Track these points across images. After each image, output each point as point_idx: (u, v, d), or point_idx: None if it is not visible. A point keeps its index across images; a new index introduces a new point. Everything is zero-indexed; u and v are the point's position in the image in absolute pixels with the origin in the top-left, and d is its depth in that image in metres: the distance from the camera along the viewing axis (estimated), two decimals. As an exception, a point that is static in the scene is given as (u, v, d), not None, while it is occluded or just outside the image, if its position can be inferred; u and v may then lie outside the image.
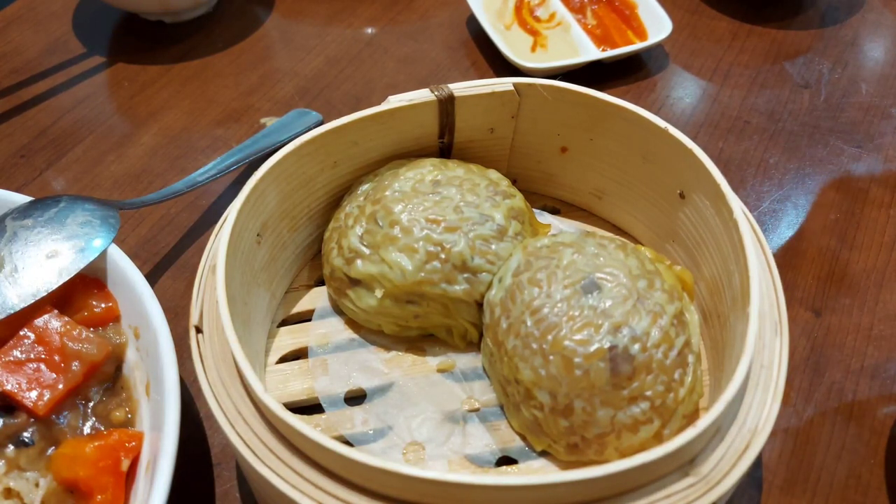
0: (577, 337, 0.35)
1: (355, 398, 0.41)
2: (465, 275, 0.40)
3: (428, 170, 0.43)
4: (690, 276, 0.41)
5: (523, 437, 0.38)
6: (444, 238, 0.40)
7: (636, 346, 0.34)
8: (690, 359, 0.36)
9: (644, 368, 0.34)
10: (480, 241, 0.40)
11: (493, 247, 0.41)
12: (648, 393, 0.34)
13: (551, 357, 0.35)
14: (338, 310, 0.44)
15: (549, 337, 0.35)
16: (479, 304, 0.41)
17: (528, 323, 0.36)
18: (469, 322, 0.41)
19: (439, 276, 0.40)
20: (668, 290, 0.37)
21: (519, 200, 0.43)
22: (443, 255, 0.40)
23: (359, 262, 0.41)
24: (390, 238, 0.40)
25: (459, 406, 0.40)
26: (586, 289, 0.36)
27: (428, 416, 0.39)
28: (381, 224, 0.41)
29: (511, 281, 0.38)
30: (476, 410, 0.40)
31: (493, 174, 0.45)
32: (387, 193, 0.42)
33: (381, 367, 0.42)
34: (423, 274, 0.40)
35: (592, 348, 0.34)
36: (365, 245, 0.41)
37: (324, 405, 0.40)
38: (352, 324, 0.43)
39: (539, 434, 0.37)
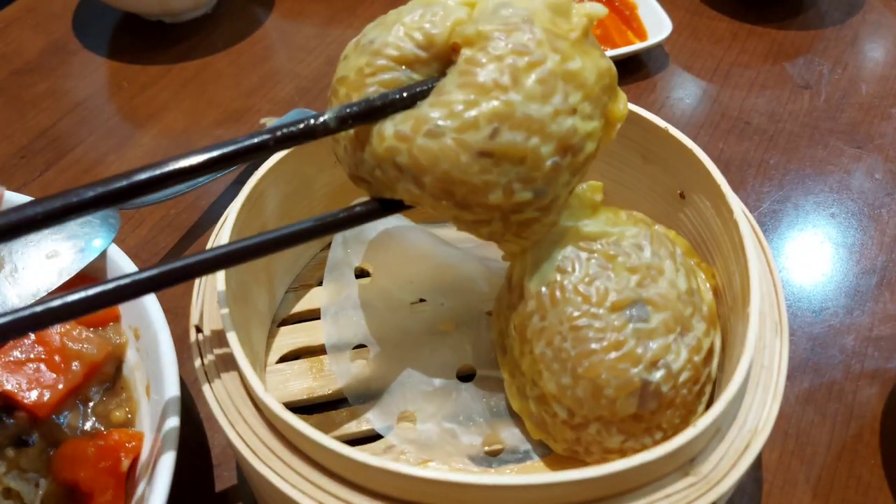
0: (614, 369, 0.33)
1: (355, 399, 0.41)
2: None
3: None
4: (712, 272, 0.39)
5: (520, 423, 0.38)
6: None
7: (667, 386, 0.33)
8: (708, 388, 0.35)
9: (668, 404, 0.34)
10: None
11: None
12: (664, 425, 0.34)
13: (582, 382, 0.33)
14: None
15: (585, 363, 0.33)
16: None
17: (568, 339, 0.33)
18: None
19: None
20: (707, 319, 0.35)
21: (597, 121, 0.33)
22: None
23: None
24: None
25: (460, 406, 0.40)
26: (634, 317, 0.33)
27: (428, 417, 0.39)
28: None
29: (554, 278, 0.34)
30: (477, 410, 0.40)
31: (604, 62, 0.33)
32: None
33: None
34: None
35: (625, 383, 0.33)
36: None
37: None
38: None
39: (541, 427, 0.37)
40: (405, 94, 0.31)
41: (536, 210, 0.32)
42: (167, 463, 0.33)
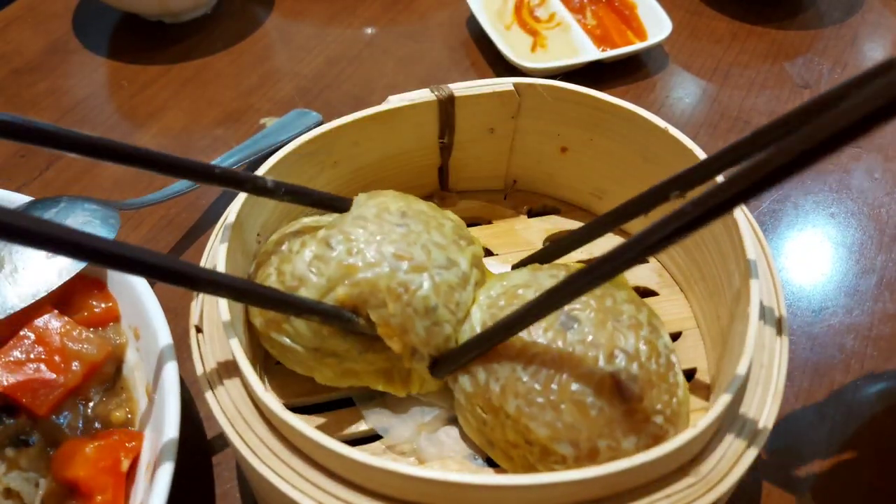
0: (581, 376, 0.33)
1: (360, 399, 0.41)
2: (426, 322, 0.36)
3: (391, 198, 0.40)
4: (623, 276, 0.41)
5: None
6: (410, 279, 0.36)
7: (634, 365, 0.33)
8: (673, 358, 0.35)
9: (647, 384, 0.33)
10: (446, 288, 0.37)
11: (457, 296, 0.37)
12: (659, 406, 0.34)
13: (562, 406, 0.33)
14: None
15: (554, 385, 0.33)
16: (434, 358, 0.37)
17: (525, 378, 0.34)
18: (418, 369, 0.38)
19: (397, 319, 0.35)
20: (630, 300, 0.36)
21: (479, 248, 0.40)
22: (405, 297, 0.36)
23: (303, 290, 0.36)
24: (346, 267, 0.36)
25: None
26: (565, 325, 0.34)
27: (428, 417, 0.39)
28: (334, 248, 0.36)
29: None
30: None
31: (453, 215, 0.41)
32: (346, 220, 0.38)
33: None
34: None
35: (599, 383, 0.33)
36: (314, 273, 0.36)
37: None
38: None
39: None
40: None
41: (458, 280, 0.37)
42: (167, 463, 0.33)
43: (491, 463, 0.38)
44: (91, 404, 0.39)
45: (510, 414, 0.34)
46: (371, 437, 0.39)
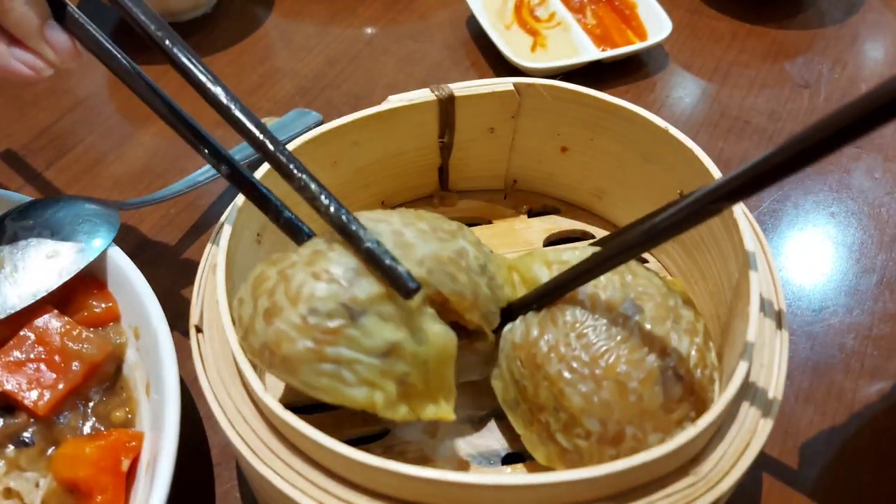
0: (631, 361, 0.33)
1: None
2: (484, 279, 0.36)
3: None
4: (681, 284, 0.41)
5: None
6: (454, 246, 0.35)
7: (683, 368, 0.33)
8: (715, 374, 0.35)
9: (689, 390, 0.33)
10: (475, 245, 0.37)
11: (485, 249, 0.38)
12: (692, 414, 0.33)
13: (604, 383, 0.33)
14: None
15: (602, 362, 0.33)
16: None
17: (576, 347, 0.34)
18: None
19: (469, 288, 0.35)
20: (689, 306, 0.36)
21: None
22: (464, 263, 0.35)
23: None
24: (403, 246, 0.34)
25: (463, 407, 0.40)
26: (629, 311, 0.34)
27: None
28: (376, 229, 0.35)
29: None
30: (480, 411, 0.40)
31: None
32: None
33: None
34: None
35: (646, 373, 0.33)
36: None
37: None
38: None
39: (576, 462, 0.35)
40: None
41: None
42: (167, 463, 0.33)
43: (493, 463, 0.38)
44: (91, 404, 0.39)
45: (549, 374, 0.34)
46: (371, 437, 0.39)
